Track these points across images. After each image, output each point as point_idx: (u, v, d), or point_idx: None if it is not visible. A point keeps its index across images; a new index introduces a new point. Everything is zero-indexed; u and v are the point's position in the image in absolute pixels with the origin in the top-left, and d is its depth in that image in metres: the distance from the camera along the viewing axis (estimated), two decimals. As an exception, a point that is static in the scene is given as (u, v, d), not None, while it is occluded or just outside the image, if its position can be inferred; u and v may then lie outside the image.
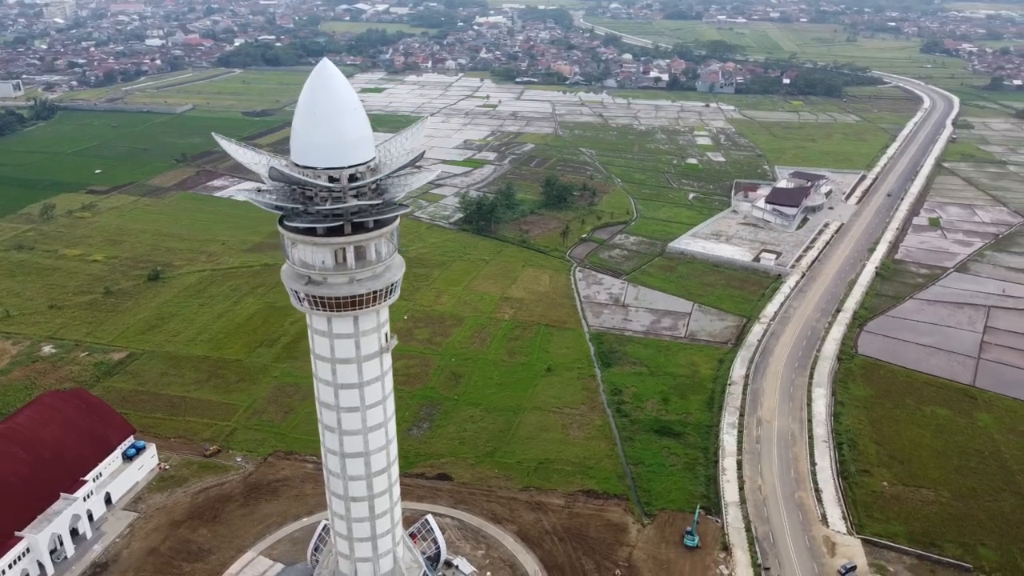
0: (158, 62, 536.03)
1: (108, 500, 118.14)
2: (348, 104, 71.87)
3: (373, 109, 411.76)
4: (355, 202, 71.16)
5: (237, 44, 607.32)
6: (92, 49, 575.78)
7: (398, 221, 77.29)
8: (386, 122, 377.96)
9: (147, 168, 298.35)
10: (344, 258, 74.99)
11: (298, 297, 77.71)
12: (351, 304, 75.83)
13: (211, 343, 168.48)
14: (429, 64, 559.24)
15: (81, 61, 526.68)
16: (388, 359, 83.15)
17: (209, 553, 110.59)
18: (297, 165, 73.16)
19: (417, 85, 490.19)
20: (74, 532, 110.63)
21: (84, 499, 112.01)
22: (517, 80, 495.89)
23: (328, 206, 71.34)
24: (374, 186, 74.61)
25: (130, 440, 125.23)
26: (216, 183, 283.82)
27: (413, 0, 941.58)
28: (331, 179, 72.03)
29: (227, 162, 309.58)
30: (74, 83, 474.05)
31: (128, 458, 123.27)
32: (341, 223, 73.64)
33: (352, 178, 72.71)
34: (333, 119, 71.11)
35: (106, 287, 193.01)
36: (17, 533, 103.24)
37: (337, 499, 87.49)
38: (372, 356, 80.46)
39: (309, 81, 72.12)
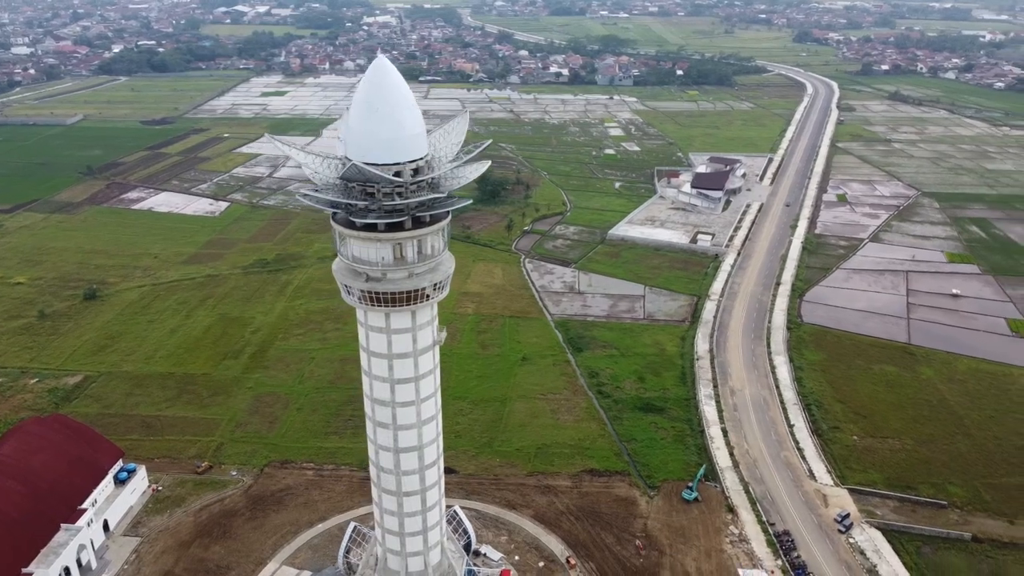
0: (32, 71, 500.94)
1: (105, 527, 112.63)
2: (408, 100, 72.63)
3: (280, 113, 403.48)
4: (430, 195, 72.11)
5: (116, 50, 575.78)
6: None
7: (450, 215, 78.47)
8: (297, 125, 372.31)
9: (50, 183, 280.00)
10: (402, 253, 75.60)
11: (349, 292, 77.22)
12: (410, 298, 76.45)
13: (172, 359, 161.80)
14: (327, 66, 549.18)
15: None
16: (437, 352, 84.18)
17: (228, 569, 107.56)
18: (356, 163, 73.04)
19: (319, 87, 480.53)
20: (77, 563, 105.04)
21: (86, 527, 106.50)
22: (421, 79, 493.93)
23: (399, 201, 71.74)
24: (430, 180, 75.55)
25: (119, 463, 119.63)
26: (131, 195, 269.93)
27: (295, 1, 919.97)
28: (395, 174, 72.58)
29: (138, 173, 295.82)
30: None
31: (120, 482, 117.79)
32: (399, 219, 74.20)
33: (413, 172, 73.52)
34: (397, 115, 71.63)
35: (40, 310, 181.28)
36: (25, 570, 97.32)
37: (388, 495, 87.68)
38: (426, 350, 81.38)
39: (368, 79, 72.40)
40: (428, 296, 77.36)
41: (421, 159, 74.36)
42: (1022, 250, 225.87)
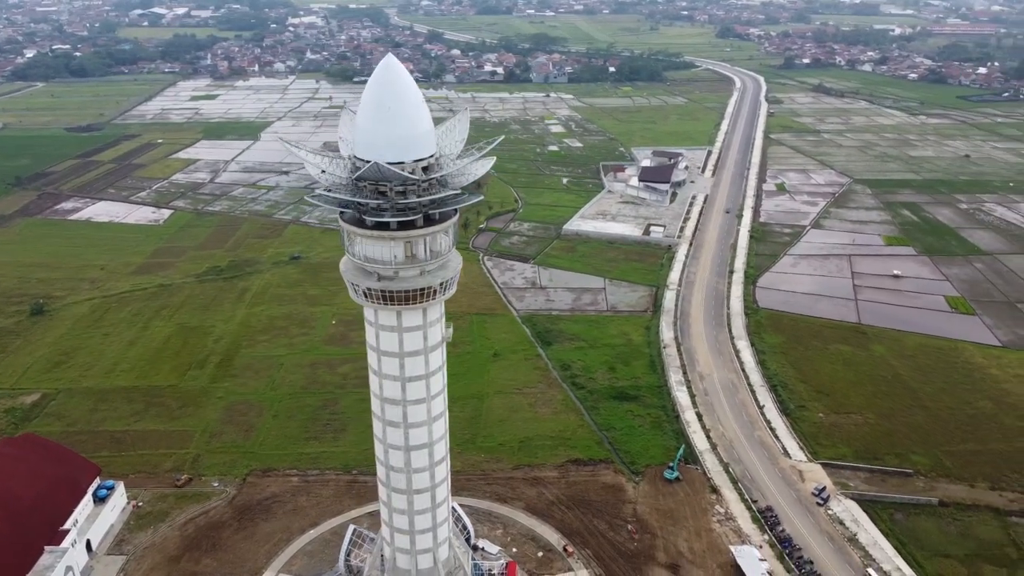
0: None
1: (88, 547, 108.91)
2: (418, 97, 72.84)
3: (214, 117, 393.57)
4: (443, 192, 72.66)
5: (30, 55, 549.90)
6: None
7: (458, 211, 79.03)
8: (233, 129, 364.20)
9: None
10: (413, 251, 75.85)
11: (357, 291, 76.93)
12: (422, 296, 76.78)
13: (134, 372, 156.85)
14: (256, 68, 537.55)
15: None
16: (445, 349, 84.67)
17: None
18: (366, 161, 72.93)
19: (251, 90, 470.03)
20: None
21: (71, 548, 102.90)
22: (355, 80, 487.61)
23: (413, 199, 72.06)
24: (441, 177, 76.02)
25: (97, 481, 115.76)
26: (66, 206, 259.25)
27: (215, 3, 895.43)
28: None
29: (71, 182, 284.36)
30: None
31: (100, 500, 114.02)
32: (412, 217, 74.47)
33: (424, 170, 73.93)
34: (408, 114, 71.68)
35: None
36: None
37: (398, 494, 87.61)
38: (436, 346, 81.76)
39: (377, 78, 72.20)
40: (438, 293, 77.82)
41: (431, 156, 74.82)
42: (951, 231, 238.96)
